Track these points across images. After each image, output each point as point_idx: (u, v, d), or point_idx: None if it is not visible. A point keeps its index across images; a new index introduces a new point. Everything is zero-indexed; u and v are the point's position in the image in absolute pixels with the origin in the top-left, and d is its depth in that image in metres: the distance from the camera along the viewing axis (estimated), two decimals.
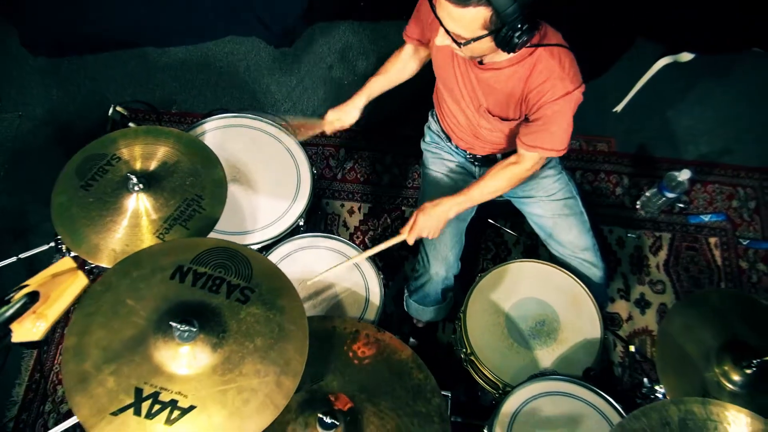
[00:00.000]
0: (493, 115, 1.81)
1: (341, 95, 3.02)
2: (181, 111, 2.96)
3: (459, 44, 1.50)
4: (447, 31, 1.49)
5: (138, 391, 1.16)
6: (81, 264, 1.57)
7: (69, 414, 2.32)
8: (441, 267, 2.05)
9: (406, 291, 2.29)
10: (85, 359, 1.18)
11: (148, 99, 2.90)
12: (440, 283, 2.09)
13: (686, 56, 2.87)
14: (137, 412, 1.15)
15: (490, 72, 1.69)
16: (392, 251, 2.60)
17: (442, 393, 1.57)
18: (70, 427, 1.36)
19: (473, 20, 1.43)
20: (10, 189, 2.77)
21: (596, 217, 2.66)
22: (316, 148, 2.84)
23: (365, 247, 2.26)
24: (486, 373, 1.83)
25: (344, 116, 2.01)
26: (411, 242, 1.88)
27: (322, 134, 2.08)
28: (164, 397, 1.17)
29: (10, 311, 1.04)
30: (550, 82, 1.62)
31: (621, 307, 2.52)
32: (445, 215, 1.85)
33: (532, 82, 1.64)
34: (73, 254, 1.54)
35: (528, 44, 1.55)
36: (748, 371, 1.50)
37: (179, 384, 1.19)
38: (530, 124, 1.73)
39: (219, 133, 2.08)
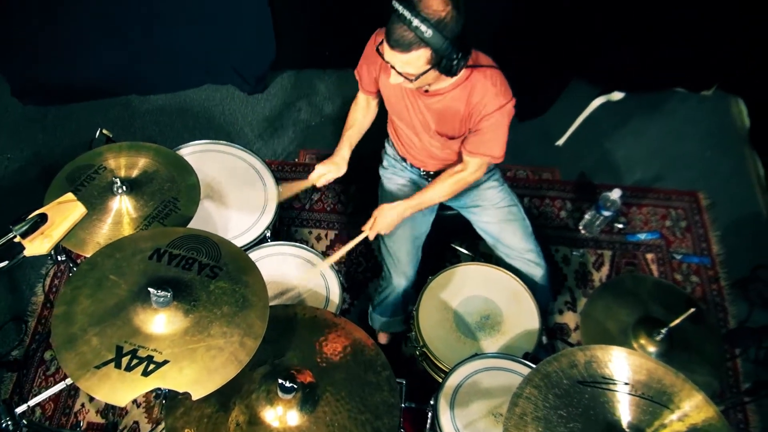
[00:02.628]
0: (441, 135, 2.08)
1: (309, 135, 3.32)
2: None
3: (410, 80, 1.80)
4: (399, 72, 1.79)
5: (118, 348, 1.34)
6: None
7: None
8: (402, 279, 2.27)
9: (370, 306, 2.49)
10: (73, 324, 1.36)
11: (129, 141, 3.14)
12: (401, 294, 2.30)
13: (617, 95, 3.22)
14: (118, 366, 1.32)
15: (436, 98, 1.98)
16: (357, 273, 2.82)
17: (398, 380, 1.75)
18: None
19: (418, 60, 1.73)
20: None
21: (544, 238, 2.91)
22: (286, 182, 3.06)
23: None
24: (437, 363, 2.01)
25: (335, 168, 2.20)
26: (371, 237, 2.11)
27: (313, 188, 2.28)
28: (142, 353, 1.34)
29: (26, 227, 1.24)
30: (486, 98, 1.91)
31: (569, 318, 2.73)
32: (399, 215, 2.09)
33: (472, 101, 1.93)
34: None
35: (465, 67, 1.83)
36: (658, 338, 1.72)
37: (155, 342, 1.37)
38: (472, 134, 2.01)
39: (195, 156, 2.32)
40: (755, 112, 3.24)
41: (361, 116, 2.29)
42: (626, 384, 1.35)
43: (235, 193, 2.27)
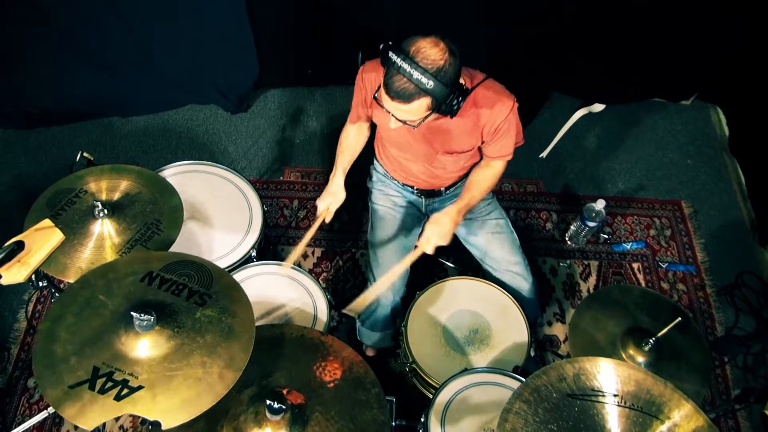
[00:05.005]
0: (451, 153, 2.09)
1: (294, 153, 3.31)
2: None
3: (413, 126, 1.80)
4: (399, 120, 1.80)
5: (95, 369, 1.33)
6: None
7: None
8: (389, 291, 2.25)
9: (358, 320, 2.47)
10: (55, 341, 1.36)
11: (111, 162, 3.11)
12: (389, 306, 2.28)
13: (598, 107, 3.25)
14: (92, 387, 1.31)
15: (443, 119, 1.96)
16: (345, 290, 2.80)
17: (387, 398, 1.73)
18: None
19: (419, 108, 1.74)
20: None
21: (531, 249, 2.92)
22: (270, 200, 3.07)
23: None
24: (427, 379, 1.99)
25: (334, 199, 2.21)
26: (430, 251, 2.04)
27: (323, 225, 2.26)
28: (117, 376, 1.33)
29: (2, 255, 1.22)
30: (495, 107, 1.94)
31: (558, 330, 2.73)
32: (452, 220, 2.03)
33: (483, 114, 1.95)
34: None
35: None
36: (646, 348, 1.73)
37: (132, 366, 1.36)
38: (491, 143, 2.04)
39: (178, 177, 2.31)
40: (733, 121, 3.29)
41: (353, 141, 2.27)
42: (615, 395, 1.34)
43: (219, 214, 2.25)
